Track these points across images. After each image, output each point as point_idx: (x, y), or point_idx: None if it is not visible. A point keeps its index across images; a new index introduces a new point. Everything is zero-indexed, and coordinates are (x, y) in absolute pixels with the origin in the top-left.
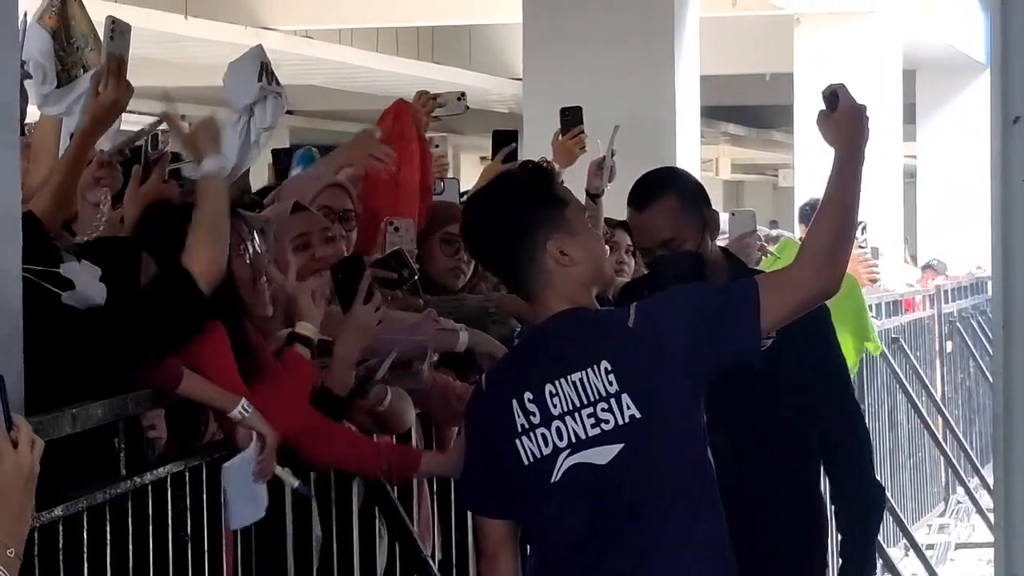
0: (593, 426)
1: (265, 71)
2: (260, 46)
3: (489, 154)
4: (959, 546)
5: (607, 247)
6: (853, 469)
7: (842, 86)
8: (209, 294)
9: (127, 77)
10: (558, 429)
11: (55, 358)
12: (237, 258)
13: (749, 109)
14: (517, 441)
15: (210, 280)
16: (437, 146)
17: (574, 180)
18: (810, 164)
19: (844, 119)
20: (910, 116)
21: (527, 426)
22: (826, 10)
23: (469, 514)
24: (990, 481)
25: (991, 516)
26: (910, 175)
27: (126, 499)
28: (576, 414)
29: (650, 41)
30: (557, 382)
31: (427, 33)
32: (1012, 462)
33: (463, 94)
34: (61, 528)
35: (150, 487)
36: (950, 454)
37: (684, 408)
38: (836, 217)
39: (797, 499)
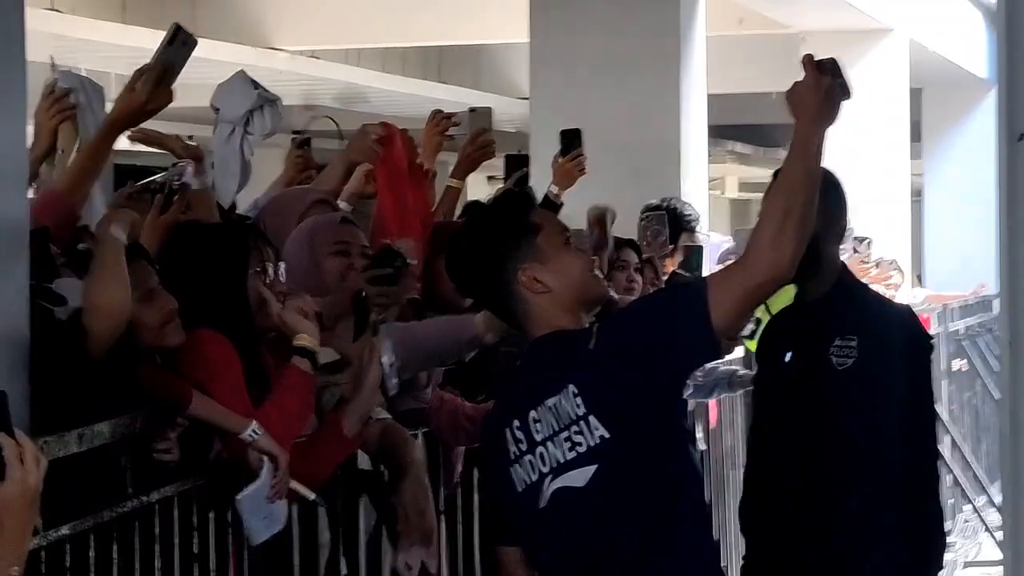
0: (570, 449)
1: (258, 84)
2: (242, 70)
3: (496, 173)
4: (967, 564)
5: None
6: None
7: (809, 58)
8: (109, 341)
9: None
10: (542, 455)
11: (56, 376)
12: (254, 278)
13: (756, 128)
14: (511, 469)
15: (109, 322)
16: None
17: (574, 200)
18: None
19: (804, 94)
20: (916, 134)
21: (517, 454)
22: (832, 28)
23: (476, 531)
24: (997, 500)
25: (998, 535)
26: (916, 193)
27: (133, 518)
28: (555, 439)
29: (657, 60)
30: (538, 408)
31: (434, 53)
32: (1019, 480)
33: (475, 110)
34: (68, 547)
35: (157, 506)
36: (957, 473)
37: (656, 419)
38: (786, 197)
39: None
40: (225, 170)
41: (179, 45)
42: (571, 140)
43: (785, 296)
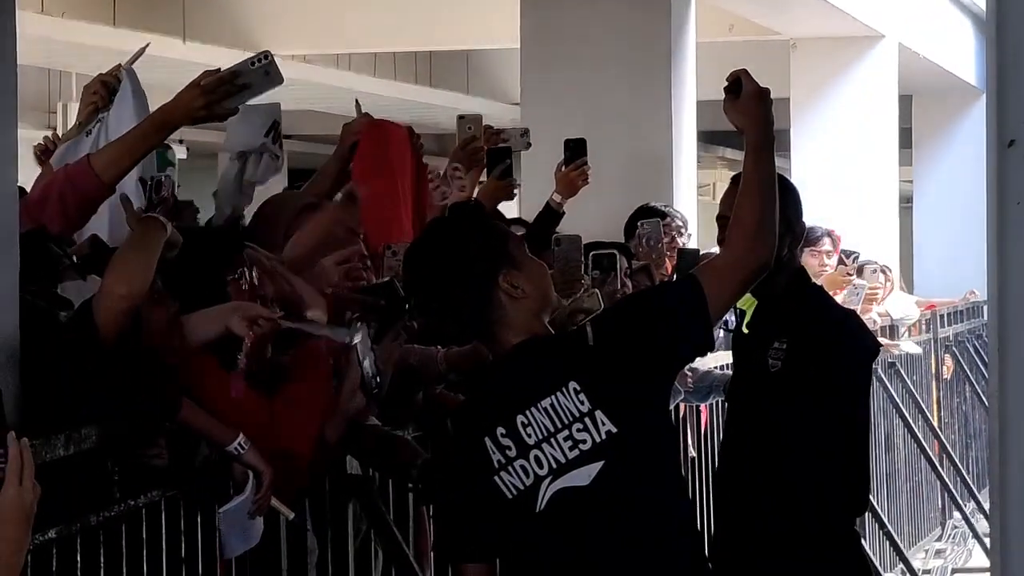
0: (571, 448)
1: (274, 130)
2: (278, 105)
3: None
4: (956, 571)
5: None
6: None
7: (745, 71)
8: (118, 329)
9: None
10: (536, 458)
11: (60, 372)
12: (233, 283)
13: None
14: (496, 478)
15: (125, 307)
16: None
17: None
18: (806, 188)
19: (750, 103)
20: (906, 141)
21: (503, 461)
22: (822, 35)
23: None
24: (986, 506)
25: (987, 541)
26: (906, 199)
27: (120, 522)
28: (552, 439)
29: (647, 67)
30: (528, 412)
31: (425, 58)
32: (1008, 487)
33: (527, 131)
34: (55, 551)
35: (144, 510)
36: (947, 479)
37: (656, 412)
38: (759, 197)
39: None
40: (223, 191)
41: (260, 71)
42: (576, 149)
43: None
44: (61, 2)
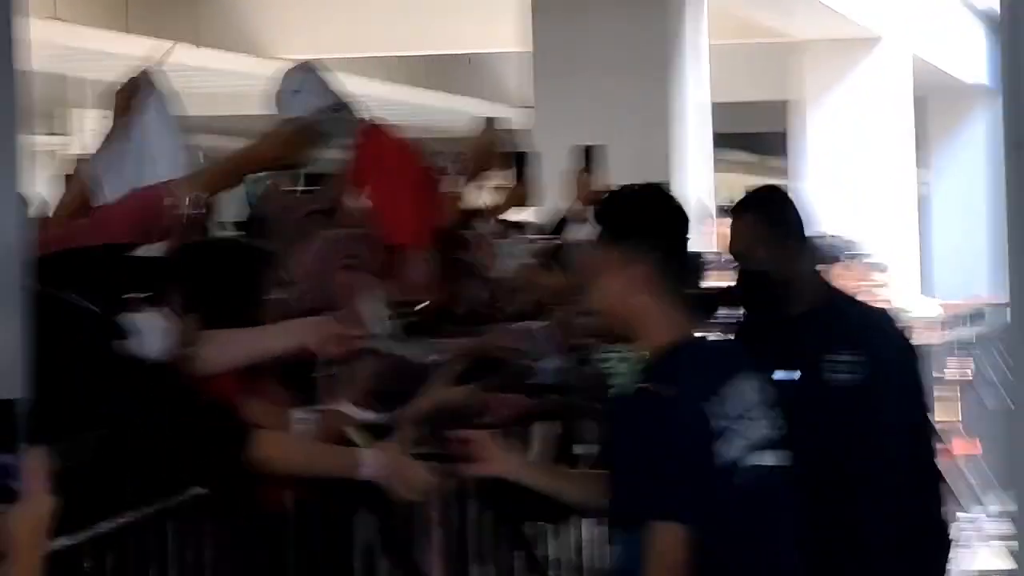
0: (773, 427)
1: (332, 96)
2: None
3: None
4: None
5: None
6: None
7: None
8: None
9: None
10: (743, 429)
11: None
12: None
13: (757, 136)
14: (714, 444)
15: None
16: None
17: None
18: (819, 191)
19: None
20: (921, 142)
21: (719, 429)
22: (835, 37)
23: (469, 541)
24: (992, 508)
25: (994, 543)
26: (921, 201)
27: (132, 529)
28: (756, 415)
29: (659, 70)
30: (737, 383)
31: (429, 62)
32: None
33: (520, 131)
34: (65, 558)
35: (156, 517)
36: (952, 482)
37: None
38: None
39: None
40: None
41: (340, 121)
42: (593, 157)
43: None
44: (73, 8)
